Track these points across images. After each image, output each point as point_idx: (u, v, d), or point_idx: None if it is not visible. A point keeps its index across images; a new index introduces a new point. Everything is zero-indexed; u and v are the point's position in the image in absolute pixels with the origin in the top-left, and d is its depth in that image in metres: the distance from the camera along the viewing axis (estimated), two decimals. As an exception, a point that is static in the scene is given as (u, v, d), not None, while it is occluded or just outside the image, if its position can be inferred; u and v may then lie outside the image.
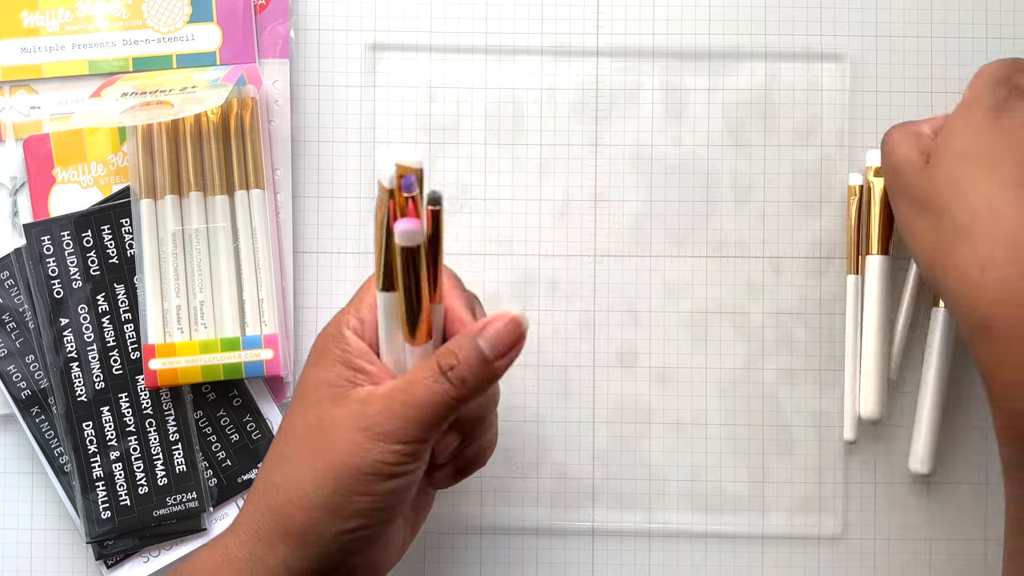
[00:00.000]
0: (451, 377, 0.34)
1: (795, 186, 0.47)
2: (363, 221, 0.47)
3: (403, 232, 0.32)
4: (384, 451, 0.34)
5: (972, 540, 0.47)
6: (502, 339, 0.35)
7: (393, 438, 0.34)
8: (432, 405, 0.35)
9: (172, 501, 0.45)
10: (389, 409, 0.35)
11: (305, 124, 0.48)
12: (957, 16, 0.48)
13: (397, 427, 0.34)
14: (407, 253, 0.33)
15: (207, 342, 0.45)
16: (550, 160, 0.47)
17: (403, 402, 0.35)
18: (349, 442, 0.35)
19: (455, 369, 0.34)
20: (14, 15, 0.47)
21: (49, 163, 0.46)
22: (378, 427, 0.35)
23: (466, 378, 0.35)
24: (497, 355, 0.35)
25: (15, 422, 0.46)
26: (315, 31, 0.48)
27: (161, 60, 0.47)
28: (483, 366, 0.35)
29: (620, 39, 0.48)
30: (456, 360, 0.35)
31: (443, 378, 0.35)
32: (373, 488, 0.35)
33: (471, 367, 0.35)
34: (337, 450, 0.35)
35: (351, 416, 0.35)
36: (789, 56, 0.48)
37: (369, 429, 0.35)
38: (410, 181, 0.33)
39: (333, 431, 0.35)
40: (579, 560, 0.47)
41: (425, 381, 0.35)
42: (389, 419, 0.35)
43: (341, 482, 0.34)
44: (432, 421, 0.35)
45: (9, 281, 0.46)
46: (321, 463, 0.35)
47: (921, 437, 0.46)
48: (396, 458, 0.35)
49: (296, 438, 0.36)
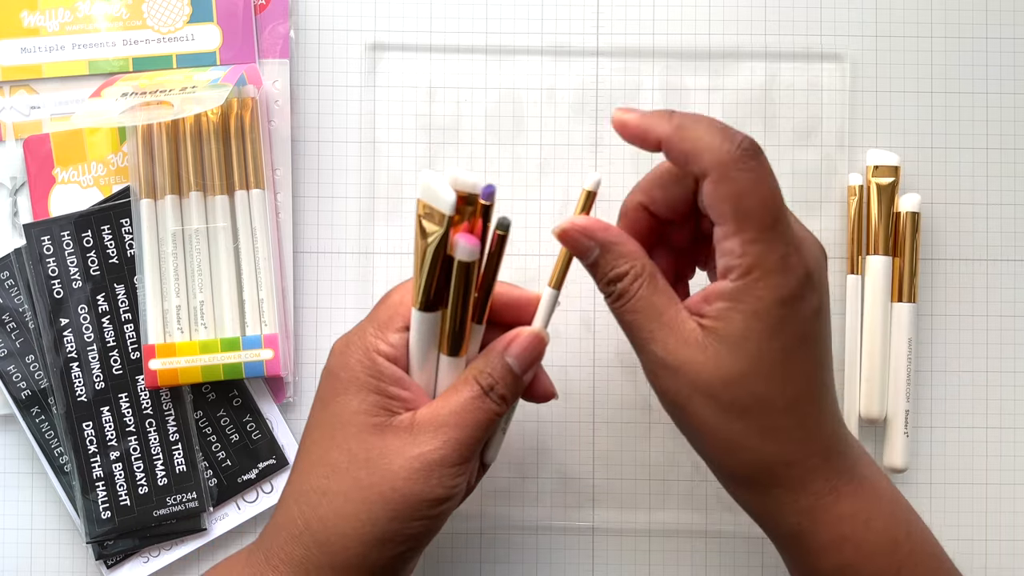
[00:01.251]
0: (493, 396, 0.36)
1: (795, 186, 0.47)
2: (363, 221, 0.47)
3: (465, 248, 0.33)
4: (442, 476, 0.35)
5: (972, 540, 0.47)
6: (528, 354, 0.36)
7: (448, 462, 0.35)
8: (478, 423, 0.35)
9: (172, 501, 0.45)
10: (440, 434, 0.35)
11: (305, 124, 0.48)
12: (957, 16, 0.48)
13: (451, 450, 0.35)
14: (463, 268, 0.33)
15: (207, 342, 0.45)
16: (550, 160, 0.47)
17: (454, 424, 0.35)
18: (405, 472, 0.35)
19: (495, 388, 0.36)
20: (14, 15, 0.47)
21: (49, 163, 0.46)
22: (432, 453, 0.35)
23: (505, 395, 0.36)
24: (524, 370, 0.36)
25: (15, 422, 0.46)
26: (315, 31, 0.48)
27: (161, 60, 0.47)
28: (515, 381, 0.36)
29: (620, 39, 0.48)
30: (493, 379, 0.36)
31: (486, 397, 0.36)
32: (430, 512, 0.35)
33: (507, 384, 0.36)
34: (393, 482, 0.35)
35: (402, 445, 0.35)
36: (789, 56, 0.48)
37: (423, 456, 0.35)
38: (491, 189, 0.33)
39: (383, 462, 0.35)
40: (579, 560, 0.47)
41: (471, 402, 0.36)
42: (442, 444, 0.35)
43: (399, 512, 0.35)
44: (479, 439, 0.36)
45: (9, 281, 0.46)
46: (376, 496, 0.35)
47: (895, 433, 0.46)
48: (452, 480, 0.35)
49: (339, 471, 0.36)
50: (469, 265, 0.33)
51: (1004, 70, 0.48)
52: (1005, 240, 0.48)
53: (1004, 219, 0.48)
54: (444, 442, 0.35)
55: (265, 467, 0.46)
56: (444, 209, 0.32)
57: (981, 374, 0.48)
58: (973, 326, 0.48)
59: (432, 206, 0.33)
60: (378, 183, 0.47)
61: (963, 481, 0.47)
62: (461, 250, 0.33)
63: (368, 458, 0.35)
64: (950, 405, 0.47)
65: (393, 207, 0.47)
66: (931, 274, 0.47)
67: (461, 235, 0.33)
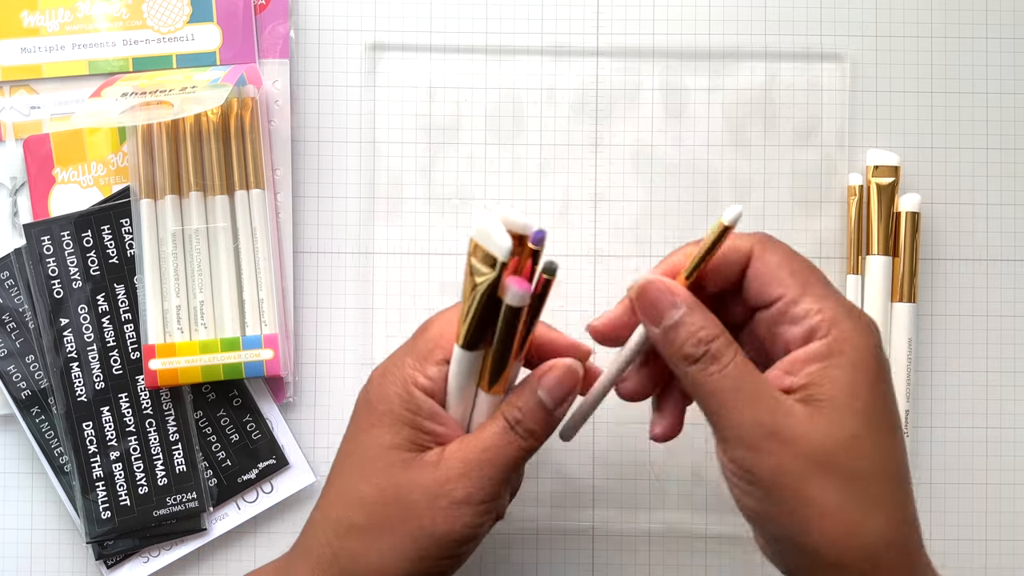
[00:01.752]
0: (519, 431, 0.35)
1: (795, 186, 0.47)
2: (363, 221, 0.47)
3: (516, 294, 0.33)
4: (469, 514, 0.35)
5: (972, 540, 0.47)
6: (561, 388, 0.36)
7: (476, 500, 0.35)
8: (505, 460, 0.35)
9: (172, 501, 0.45)
10: (469, 473, 0.35)
11: (305, 124, 0.48)
12: (957, 16, 0.48)
13: (478, 488, 0.35)
14: (511, 312, 0.33)
15: (207, 342, 0.45)
16: (550, 160, 0.47)
17: (480, 462, 0.35)
18: (432, 511, 0.35)
19: (521, 423, 0.35)
20: (14, 15, 0.47)
21: (49, 163, 0.46)
22: (460, 491, 0.35)
23: (534, 430, 0.36)
24: (556, 404, 0.36)
25: (15, 422, 0.46)
26: (315, 31, 0.48)
27: (161, 60, 0.47)
28: (545, 416, 0.36)
29: (620, 39, 0.48)
30: (520, 414, 0.35)
31: (512, 433, 0.35)
32: (457, 551, 0.35)
33: (536, 419, 0.36)
34: (421, 520, 0.35)
35: (430, 483, 0.35)
36: (789, 56, 0.47)
37: (451, 495, 0.35)
38: (541, 235, 0.33)
39: (412, 500, 0.35)
40: (579, 560, 0.47)
41: (498, 438, 0.35)
42: (470, 483, 0.35)
43: (427, 551, 0.35)
44: (506, 475, 0.36)
45: (9, 281, 0.46)
46: (405, 534, 0.35)
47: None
48: (480, 519, 0.35)
49: (367, 506, 0.36)
50: (518, 310, 0.33)
51: (1004, 70, 0.48)
52: (1005, 240, 0.48)
53: (1004, 219, 0.48)
54: (471, 481, 0.35)
55: (265, 467, 0.46)
56: (500, 255, 0.32)
57: (981, 374, 0.48)
58: (973, 326, 0.48)
59: (486, 248, 0.33)
60: (378, 183, 0.47)
61: (963, 481, 0.47)
62: (512, 295, 0.33)
63: (398, 495, 0.35)
64: (950, 405, 0.47)
65: (393, 207, 0.47)
66: (931, 274, 0.47)
67: (513, 279, 0.33)
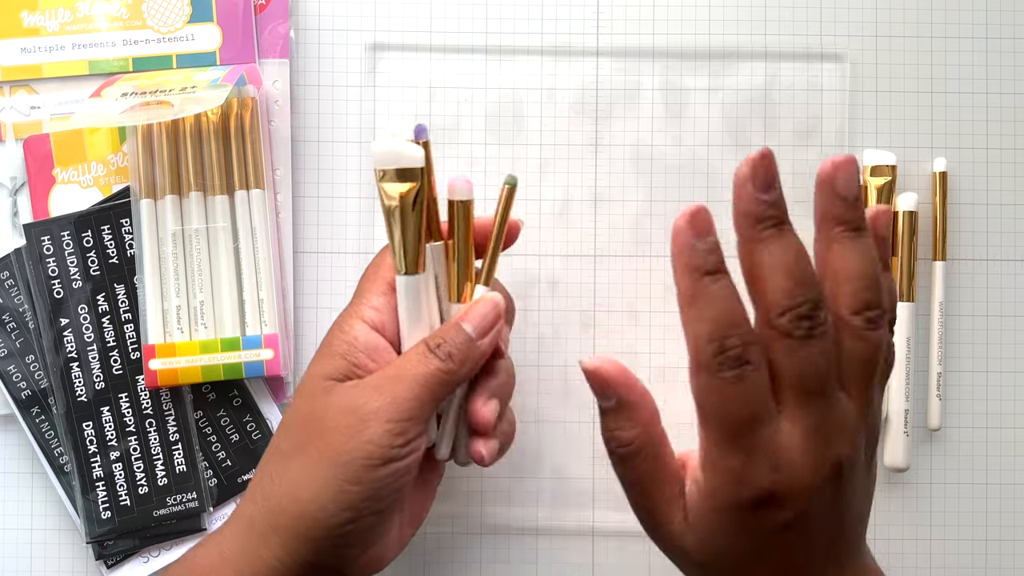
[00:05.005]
0: (439, 352, 0.35)
1: (795, 186, 0.47)
2: (363, 221, 0.47)
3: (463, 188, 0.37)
4: (376, 432, 0.34)
5: (972, 540, 0.47)
6: (484, 319, 0.37)
7: (384, 416, 0.34)
8: (421, 379, 0.35)
9: (172, 501, 0.45)
10: (378, 388, 0.35)
11: (305, 124, 0.48)
12: (957, 16, 0.48)
13: (388, 402, 0.34)
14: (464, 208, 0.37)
15: (207, 342, 0.45)
16: (550, 160, 0.47)
17: (392, 378, 0.35)
18: (340, 427, 0.34)
19: (442, 346, 0.36)
20: (14, 15, 0.47)
21: (49, 163, 0.46)
22: (367, 407, 0.34)
23: (452, 352, 0.36)
24: (480, 334, 0.36)
25: (15, 422, 0.46)
26: (315, 31, 0.48)
27: (161, 60, 0.47)
28: (468, 343, 0.36)
29: (620, 39, 0.48)
30: (441, 338, 0.36)
31: (431, 354, 0.35)
32: (364, 476, 0.34)
33: (457, 344, 0.36)
34: (329, 437, 0.34)
35: (341, 402, 0.35)
36: (789, 56, 0.48)
37: (358, 411, 0.34)
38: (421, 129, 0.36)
39: (324, 419, 0.35)
40: (579, 560, 0.47)
41: (415, 357, 0.35)
42: (378, 397, 0.34)
43: (333, 470, 0.34)
44: (422, 397, 0.35)
45: (9, 281, 0.46)
46: (314, 453, 0.35)
47: (895, 432, 0.46)
48: (388, 439, 0.34)
49: (291, 430, 0.36)
50: (469, 203, 0.37)
51: (1004, 70, 0.48)
52: (1005, 240, 0.48)
53: (1004, 219, 0.48)
54: (379, 396, 0.34)
55: (265, 467, 0.46)
56: (416, 164, 0.35)
57: (981, 374, 0.48)
58: (973, 326, 0.48)
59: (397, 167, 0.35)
60: (378, 183, 0.47)
61: (963, 481, 0.47)
62: (460, 191, 0.37)
63: (313, 416, 0.35)
64: (950, 405, 0.47)
65: (393, 207, 0.47)
66: (930, 274, 0.47)
67: (456, 177, 0.37)
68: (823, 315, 0.29)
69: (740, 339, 0.29)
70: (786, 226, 0.30)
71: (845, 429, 0.30)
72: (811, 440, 0.30)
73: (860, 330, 0.30)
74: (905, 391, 0.46)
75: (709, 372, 0.30)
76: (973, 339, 0.48)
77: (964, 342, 0.48)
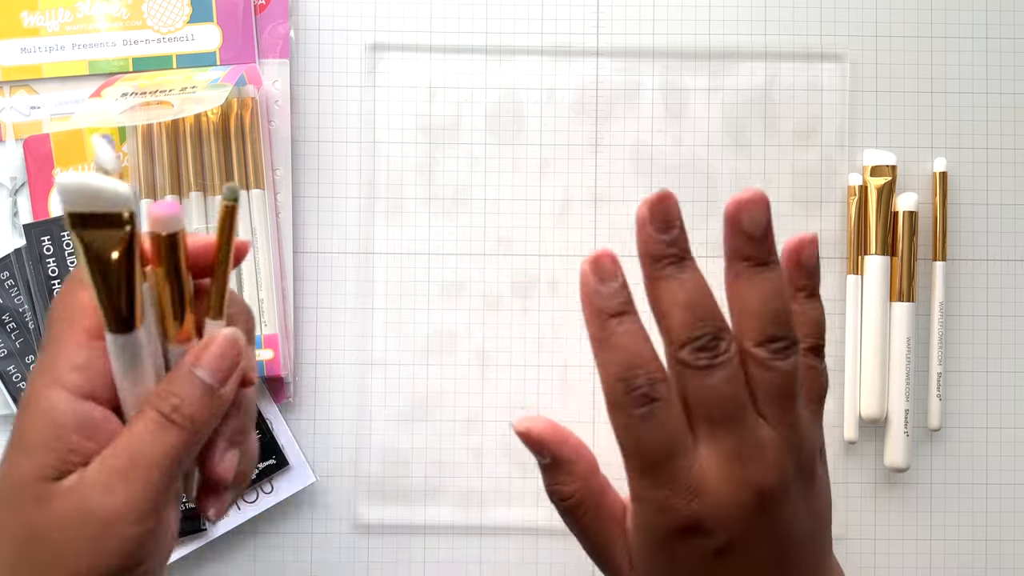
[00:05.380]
0: (176, 419, 0.29)
1: (795, 186, 0.47)
2: (363, 221, 0.47)
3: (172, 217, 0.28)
4: (121, 541, 0.28)
5: (972, 540, 0.47)
6: (222, 361, 0.30)
7: (128, 519, 0.28)
8: (161, 459, 0.29)
9: (172, 501, 0.45)
10: (109, 487, 0.28)
11: (305, 124, 0.48)
12: (957, 16, 0.48)
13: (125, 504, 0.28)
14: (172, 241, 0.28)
15: (207, 342, 0.45)
16: (550, 160, 0.47)
17: (124, 469, 0.29)
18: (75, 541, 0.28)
19: (179, 409, 0.30)
20: (14, 15, 0.47)
21: (49, 163, 0.46)
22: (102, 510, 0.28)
23: (193, 415, 0.30)
24: (221, 380, 0.30)
25: (15, 422, 0.46)
26: (315, 31, 0.48)
27: (161, 60, 0.47)
28: (208, 395, 0.30)
29: (620, 39, 0.48)
30: (178, 399, 0.30)
31: (168, 424, 0.29)
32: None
33: (195, 400, 0.30)
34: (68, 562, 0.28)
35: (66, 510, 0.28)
36: (789, 56, 0.48)
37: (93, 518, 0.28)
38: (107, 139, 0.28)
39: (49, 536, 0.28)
40: (578, 560, 0.47)
41: (147, 436, 0.29)
42: (112, 497, 0.28)
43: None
44: (167, 478, 0.29)
45: (9, 281, 0.46)
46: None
47: (895, 432, 0.46)
48: (136, 544, 0.29)
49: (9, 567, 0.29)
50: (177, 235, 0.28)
51: (1004, 70, 0.48)
52: (1005, 240, 0.48)
53: (1004, 219, 0.48)
54: (116, 495, 0.28)
55: (265, 467, 0.46)
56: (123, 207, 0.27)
57: (981, 374, 0.48)
58: (973, 326, 0.48)
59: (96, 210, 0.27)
60: (378, 183, 0.47)
61: (963, 481, 0.47)
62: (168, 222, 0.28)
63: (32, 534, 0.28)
64: (950, 405, 0.47)
65: (393, 207, 0.47)
66: (930, 274, 0.47)
67: (159, 204, 0.28)
68: (724, 345, 0.30)
69: (646, 377, 0.30)
70: (687, 262, 0.31)
71: (764, 453, 0.31)
72: (727, 466, 0.30)
73: (766, 361, 0.31)
74: (905, 391, 0.46)
75: (621, 409, 0.31)
76: (973, 339, 0.48)
77: (964, 342, 0.48)
